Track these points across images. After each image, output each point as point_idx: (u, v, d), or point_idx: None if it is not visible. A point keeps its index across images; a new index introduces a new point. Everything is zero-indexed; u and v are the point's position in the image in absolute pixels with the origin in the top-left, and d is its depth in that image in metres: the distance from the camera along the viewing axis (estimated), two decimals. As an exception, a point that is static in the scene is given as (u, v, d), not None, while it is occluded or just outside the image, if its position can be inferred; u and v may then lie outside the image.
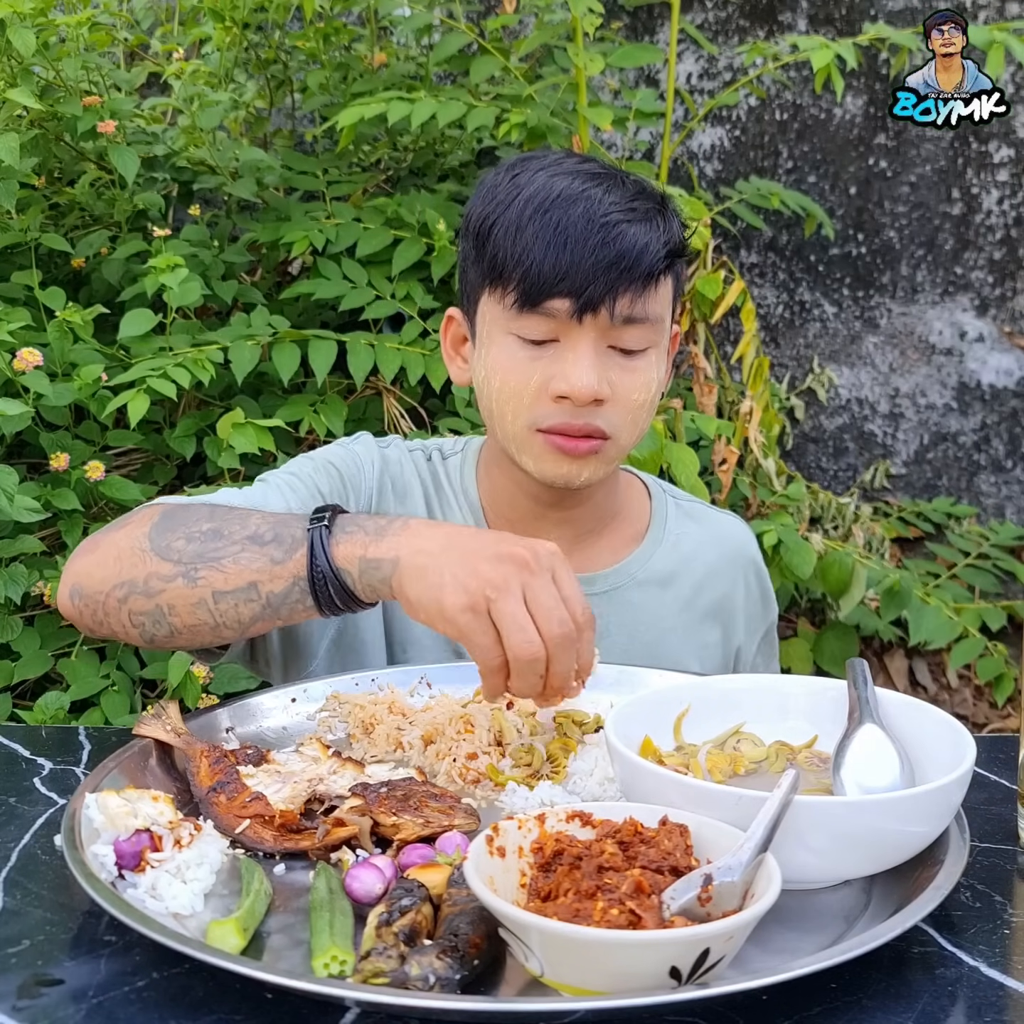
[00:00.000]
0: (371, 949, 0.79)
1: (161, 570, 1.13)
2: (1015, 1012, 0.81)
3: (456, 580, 1.03)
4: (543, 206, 1.26)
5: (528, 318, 1.27)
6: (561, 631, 1.02)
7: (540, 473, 1.31)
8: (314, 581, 1.09)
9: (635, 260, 1.25)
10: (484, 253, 1.29)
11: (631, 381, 1.29)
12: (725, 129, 3.15)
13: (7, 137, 2.17)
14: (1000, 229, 3.11)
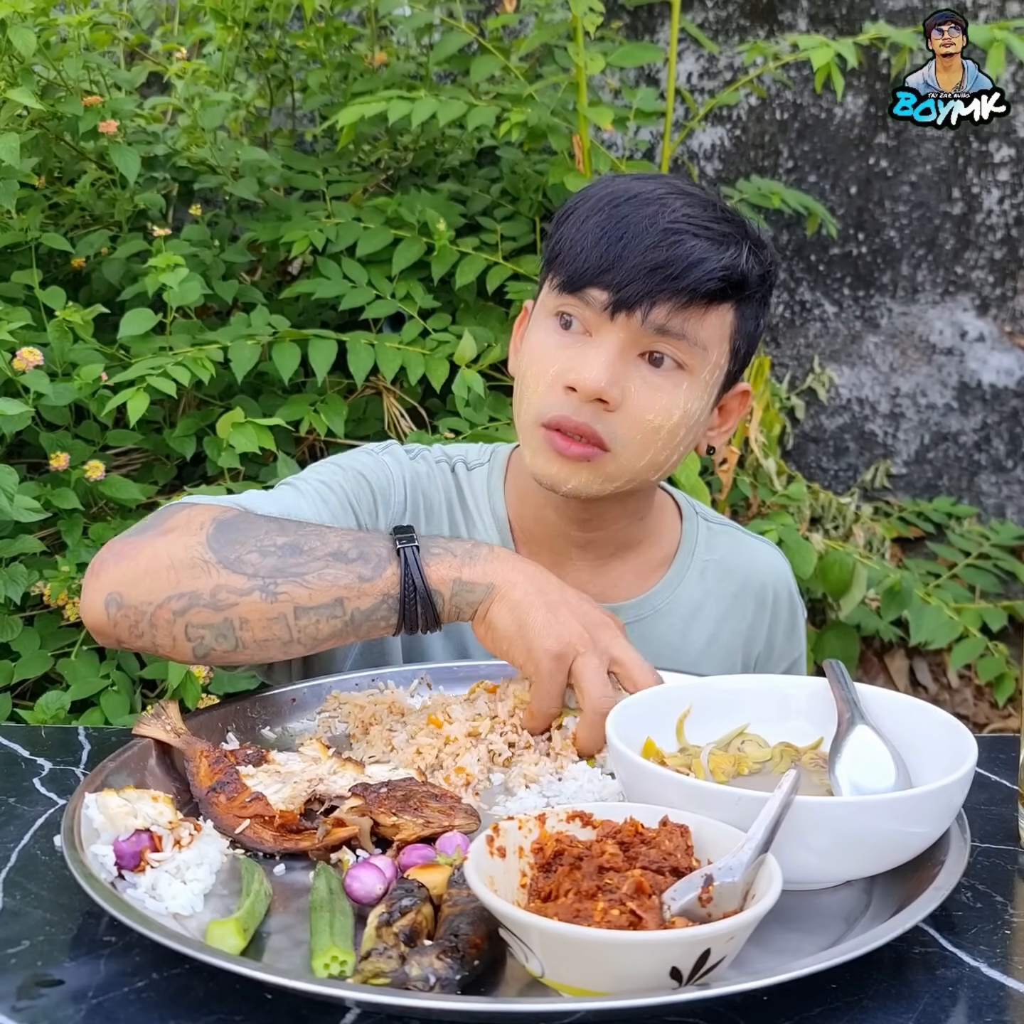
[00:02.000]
0: (371, 949, 0.79)
1: (233, 583, 1.10)
2: (1016, 1012, 0.80)
3: (549, 625, 1.10)
4: (616, 200, 1.24)
5: (568, 299, 1.25)
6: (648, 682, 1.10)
7: (533, 468, 1.28)
8: (404, 600, 1.11)
9: (683, 271, 1.20)
10: (552, 239, 1.28)
11: (649, 398, 1.24)
12: (725, 129, 3.14)
13: (8, 137, 2.17)
14: (1001, 229, 3.11)
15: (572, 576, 1.34)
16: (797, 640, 1.49)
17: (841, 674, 1.07)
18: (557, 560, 1.35)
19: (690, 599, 1.41)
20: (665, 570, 1.41)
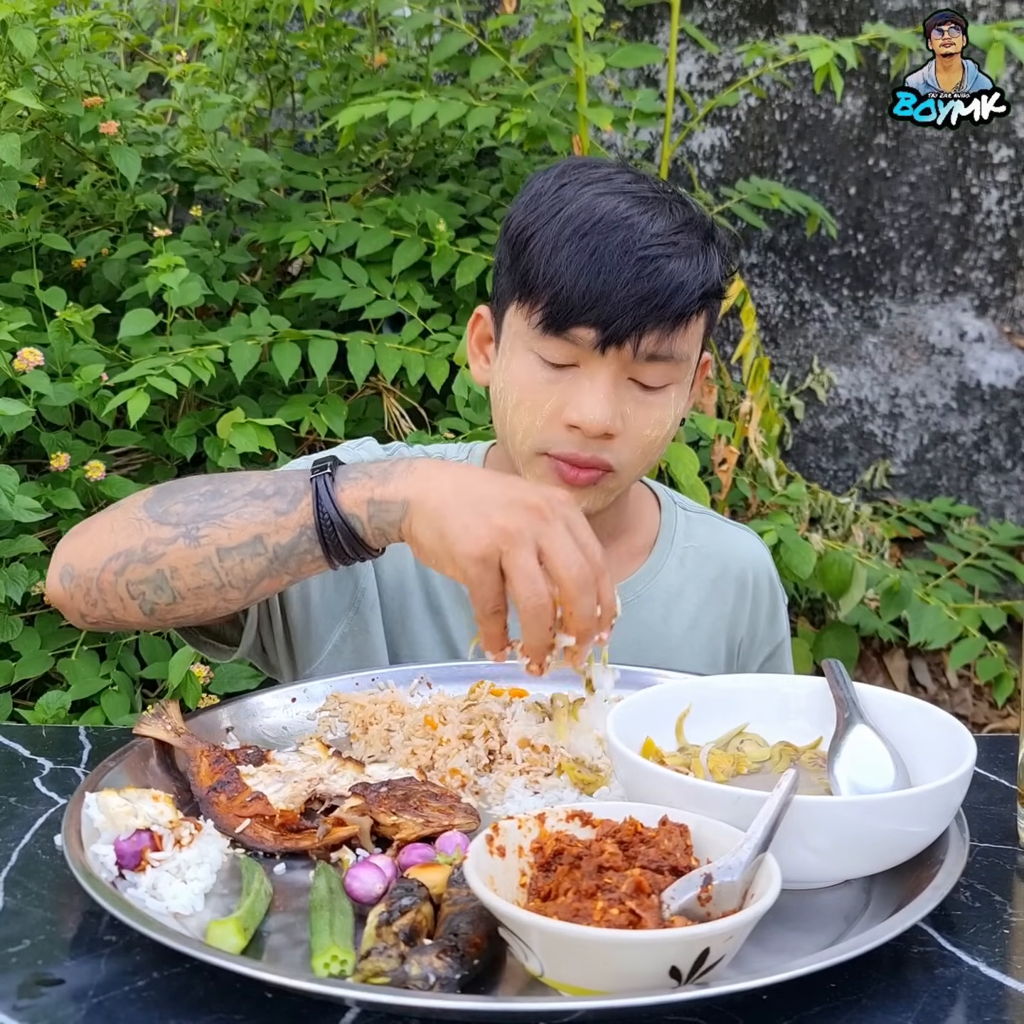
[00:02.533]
0: (371, 948, 0.79)
1: (160, 534, 1.11)
2: (1015, 1012, 0.81)
3: (468, 528, 1.02)
4: (582, 228, 1.22)
5: (551, 341, 1.24)
6: (580, 573, 1.01)
7: None
8: (322, 528, 1.08)
9: (668, 299, 1.21)
10: (518, 265, 1.26)
11: (645, 417, 1.26)
12: (725, 129, 3.15)
13: (8, 138, 2.17)
14: (1000, 229, 3.11)
15: None
16: (779, 625, 1.50)
17: (840, 674, 1.08)
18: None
19: (670, 585, 1.42)
20: (645, 557, 1.43)
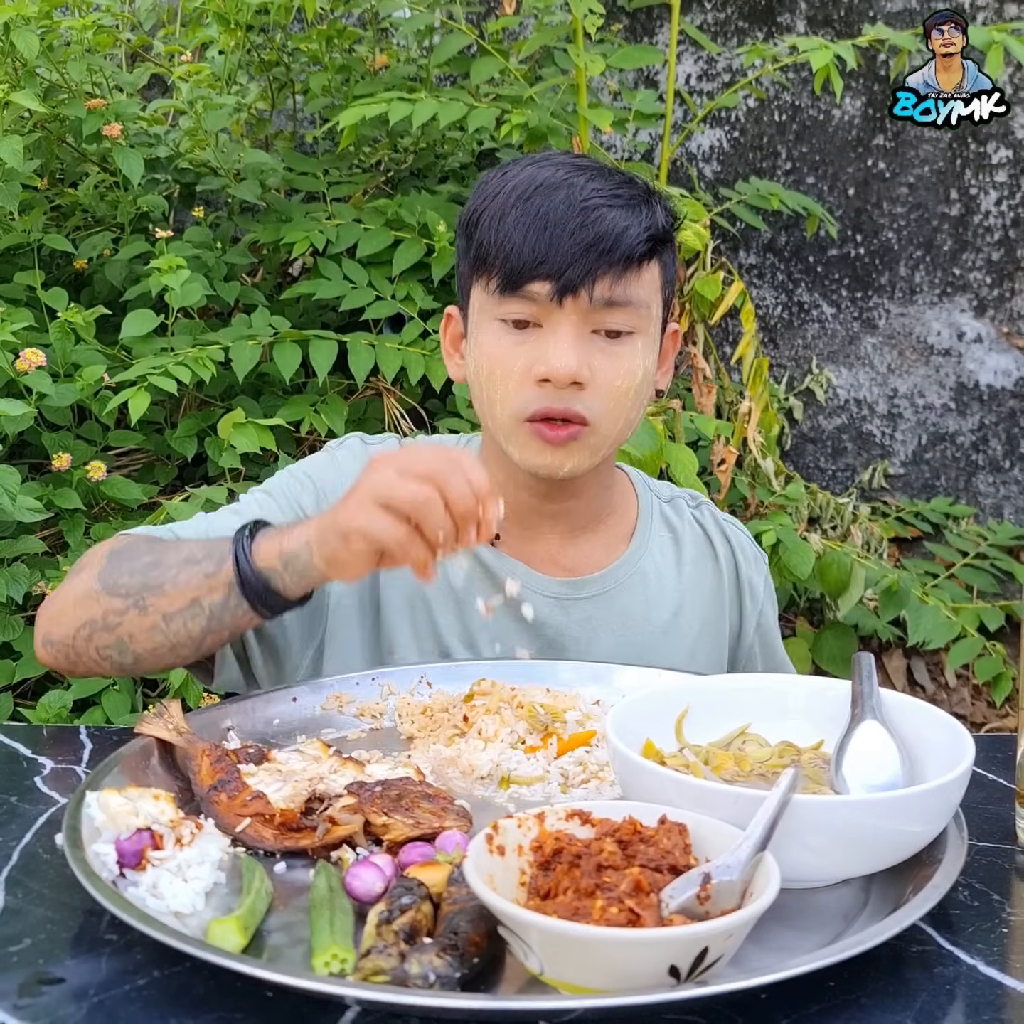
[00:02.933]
0: (371, 947, 0.80)
1: (114, 606, 1.22)
2: (1013, 1010, 0.81)
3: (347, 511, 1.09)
4: (526, 194, 1.27)
5: (510, 302, 1.28)
6: (438, 467, 1.06)
7: (524, 463, 1.32)
8: (243, 584, 1.16)
9: (614, 243, 1.25)
10: (471, 245, 1.31)
11: (613, 366, 1.29)
12: (724, 130, 3.15)
13: (11, 139, 2.17)
14: (998, 230, 3.12)
15: (543, 547, 1.40)
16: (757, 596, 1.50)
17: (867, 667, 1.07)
18: (529, 534, 1.40)
19: (652, 570, 1.44)
20: (627, 544, 1.44)
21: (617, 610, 1.41)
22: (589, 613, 1.39)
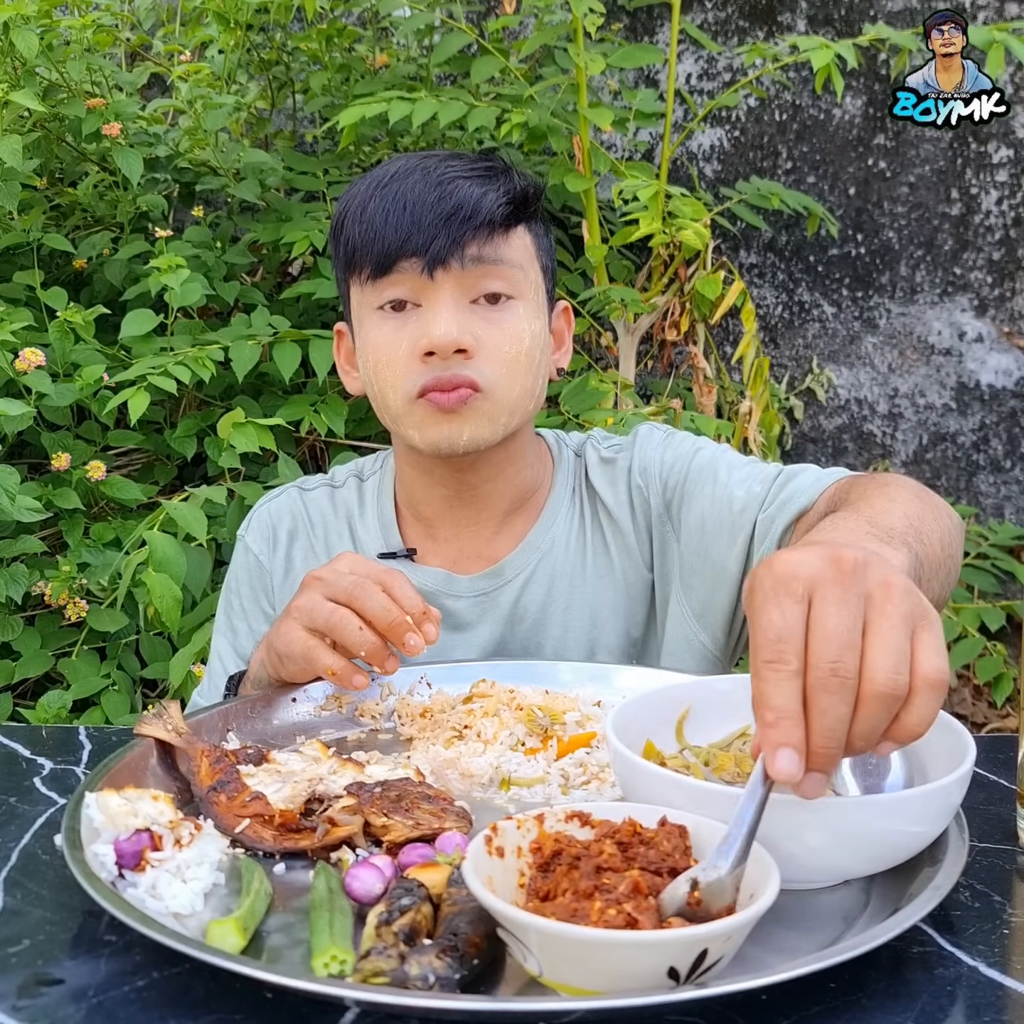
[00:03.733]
0: (371, 948, 0.79)
1: None
2: (1014, 1012, 0.81)
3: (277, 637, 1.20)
4: (382, 183, 1.30)
5: (383, 285, 1.29)
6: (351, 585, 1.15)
7: (424, 441, 1.31)
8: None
9: (474, 209, 1.27)
10: (340, 246, 1.33)
11: (498, 331, 1.30)
12: (724, 130, 3.15)
13: (10, 139, 2.17)
14: (999, 229, 3.11)
15: (470, 544, 1.41)
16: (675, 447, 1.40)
17: None
18: (455, 532, 1.41)
19: (566, 529, 1.41)
20: (539, 512, 1.42)
21: (549, 576, 1.40)
22: (516, 594, 1.39)
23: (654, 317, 2.76)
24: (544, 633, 1.39)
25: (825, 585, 0.77)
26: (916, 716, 0.79)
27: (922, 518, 1.10)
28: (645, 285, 2.87)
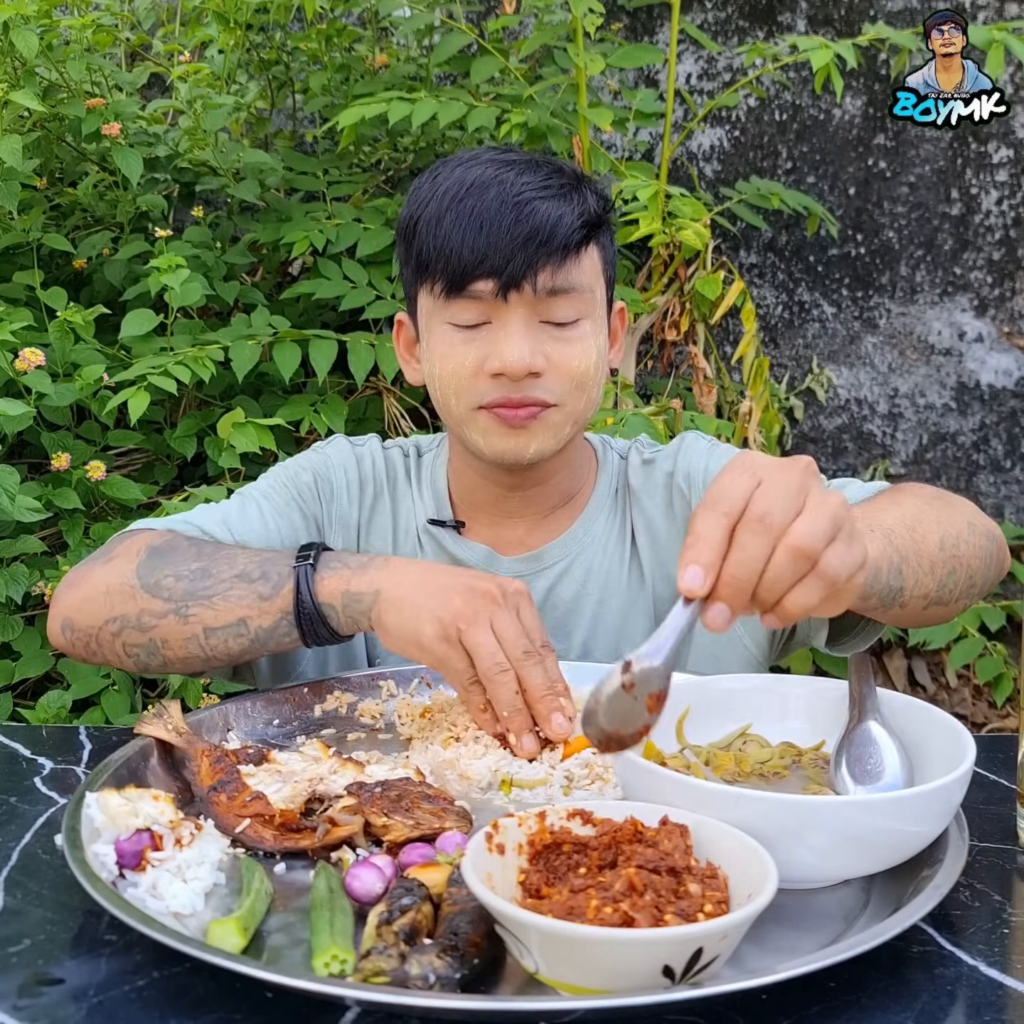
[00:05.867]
0: (371, 948, 0.79)
1: (152, 607, 1.20)
2: (1014, 1011, 0.81)
3: (431, 612, 1.12)
4: (458, 195, 1.29)
5: (456, 304, 1.29)
6: (524, 654, 1.11)
7: (489, 449, 1.32)
8: (300, 616, 1.17)
9: (550, 233, 1.26)
10: (412, 251, 1.33)
11: (567, 351, 1.30)
12: (724, 130, 3.15)
13: (10, 139, 2.17)
14: (999, 229, 3.11)
15: (511, 532, 1.41)
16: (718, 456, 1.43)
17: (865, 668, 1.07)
18: (497, 520, 1.42)
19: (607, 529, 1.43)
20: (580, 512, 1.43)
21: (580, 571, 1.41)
22: (551, 581, 1.40)
23: (654, 317, 2.76)
24: (574, 623, 1.40)
25: (776, 470, 0.87)
26: (801, 595, 0.86)
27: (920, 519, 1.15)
28: (645, 285, 2.87)
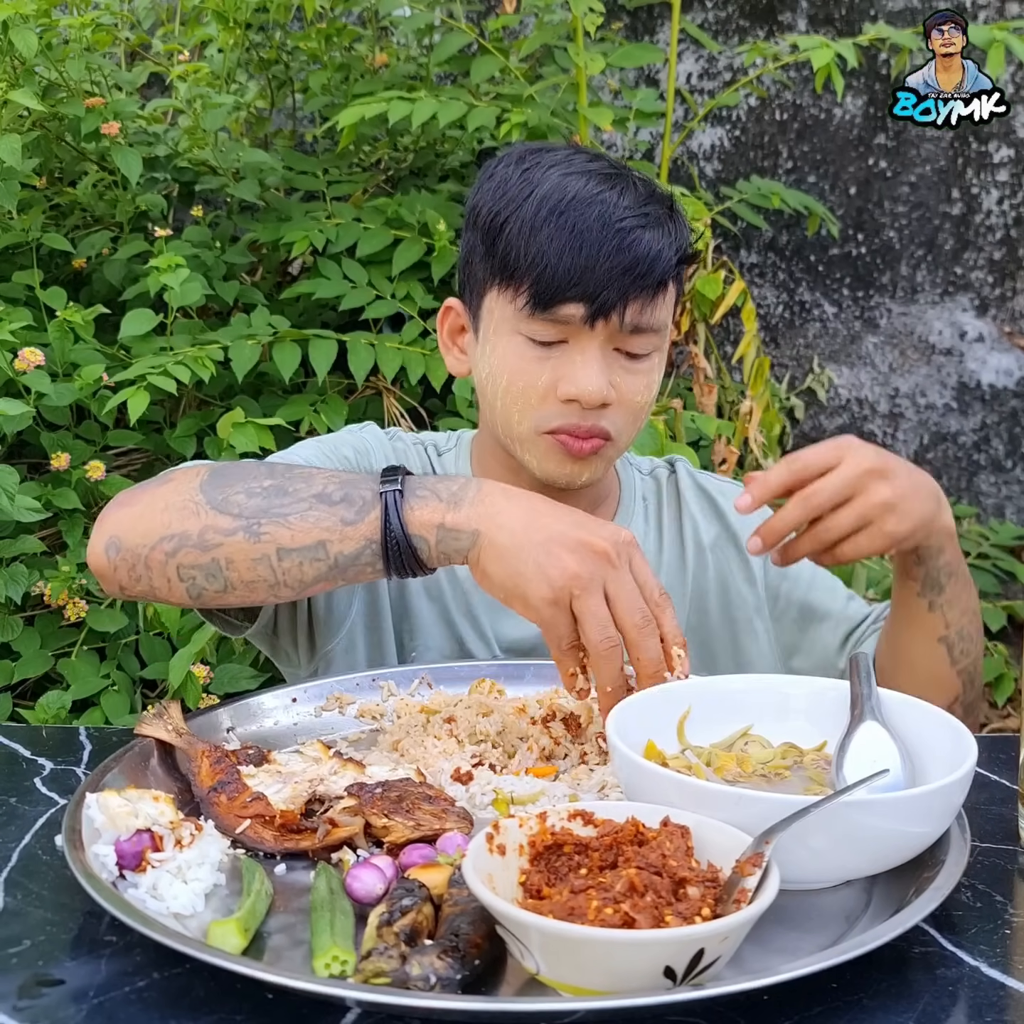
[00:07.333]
0: (372, 949, 0.79)
1: (219, 523, 1.10)
2: (1016, 1012, 0.81)
3: (541, 570, 1.05)
4: (558, 207, 1.24)
5: (539, 321, 1.26)
6: (642, 620, 1.05)
7: (543, 473, 1.32)
8: (387, 546, 1.08)
9: (649, 267, 1.25)
10: (495, 250, 1.27)
11: (634, 383, 1.30)
12: (725, 129, 3.15)
13: (9, 138, 2.17)
14: (1000, 229, 3.11)
15: None
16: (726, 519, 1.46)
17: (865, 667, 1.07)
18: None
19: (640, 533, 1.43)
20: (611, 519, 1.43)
21: None
22: None
23: (654, 317, 2.76)
24: None
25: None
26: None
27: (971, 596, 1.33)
28: (645, 285, 2.86)
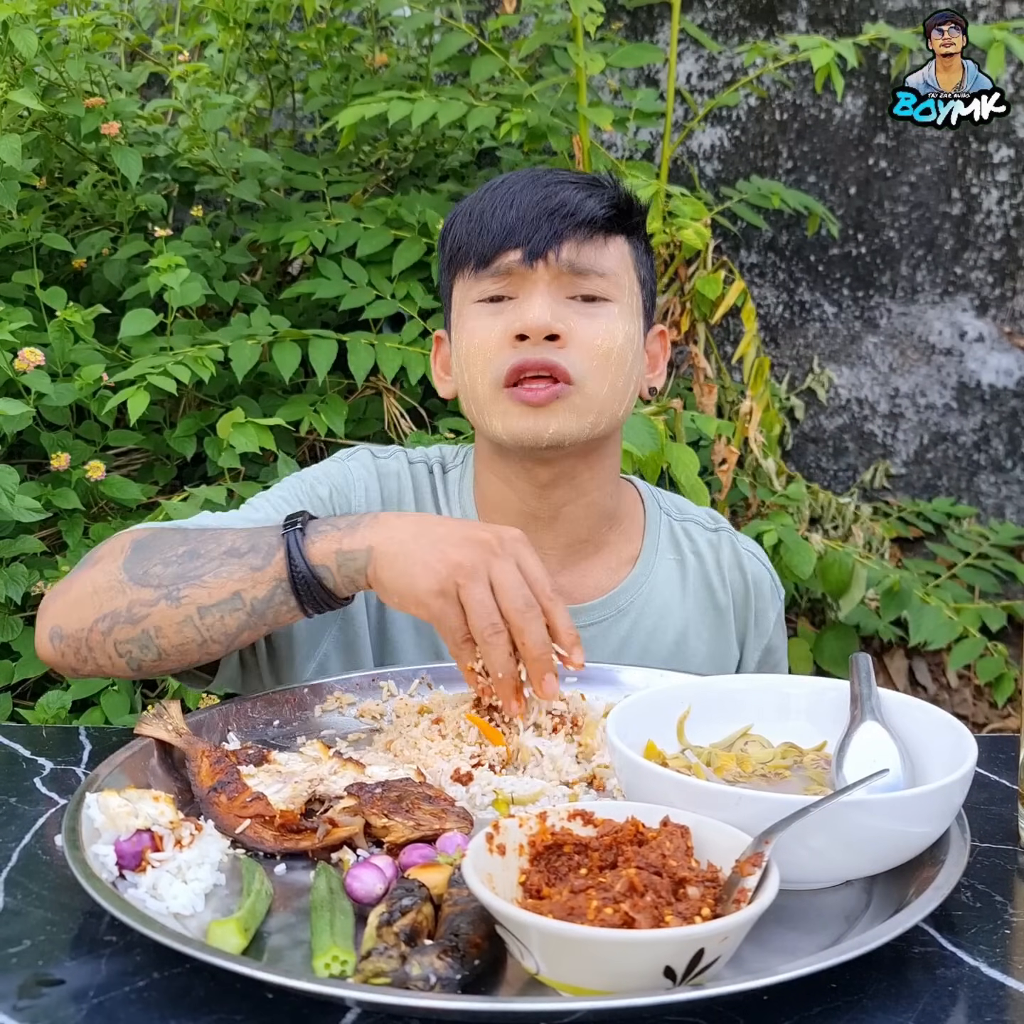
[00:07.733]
0: (372, 949, 0.79)
1: (143, 596, 1.17)
2: (1015, 1012, 0.81)
3: (427, 565, 1.10)
4: (492, 186, 1.36)
5: (486, 279, 1.32)
6: (524, 605, 1.09)
7: (508, 431, 1.31)
8: (295, 580, 1.15)
9: (576, 207, 1.30)
10: (447, 247, 1.37)
11: (591, 325, 1.31)
12: (725, 129, 3.15)
13: (9, 138, 2.17)
14: (1000, 229, 3.11)
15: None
16: (763, 628, 1.47)
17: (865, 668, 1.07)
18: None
19: (654, 599, 1.41)
20: (631, 567, 1.42)
21: (616, 639, 1.39)
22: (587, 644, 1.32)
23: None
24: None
25: None
26: None
27: None
28: (645, 285, 2.86)
